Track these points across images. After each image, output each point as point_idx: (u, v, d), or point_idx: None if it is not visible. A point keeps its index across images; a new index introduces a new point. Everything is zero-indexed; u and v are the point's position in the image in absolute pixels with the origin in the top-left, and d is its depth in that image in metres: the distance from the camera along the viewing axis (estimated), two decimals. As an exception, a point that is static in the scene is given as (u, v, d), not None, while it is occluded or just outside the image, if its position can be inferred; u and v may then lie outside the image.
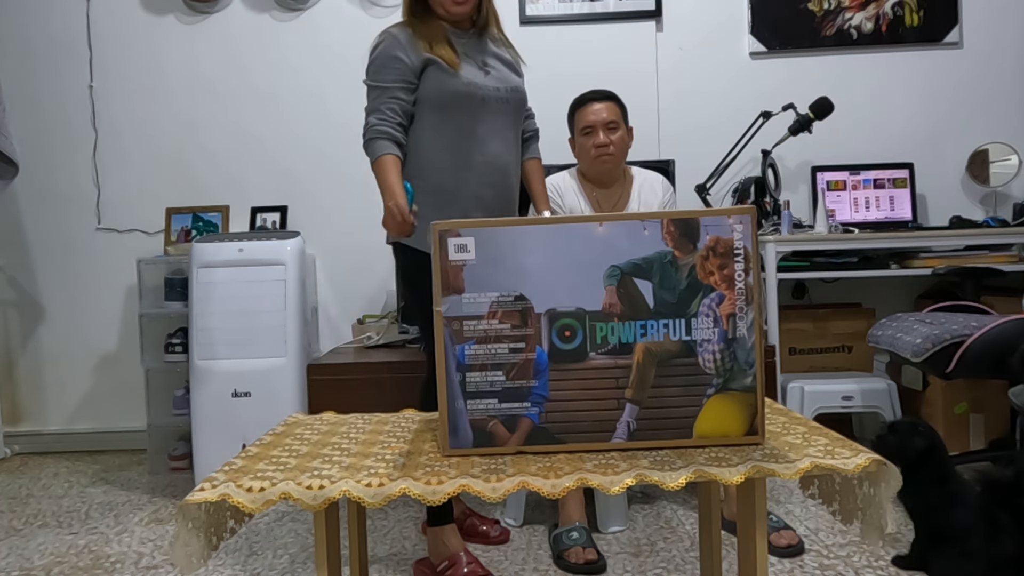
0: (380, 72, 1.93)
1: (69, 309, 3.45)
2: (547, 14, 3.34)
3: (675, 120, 3.35)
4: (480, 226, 1.20)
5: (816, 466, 1.10)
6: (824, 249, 2.96)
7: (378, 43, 1.96)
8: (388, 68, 1.92)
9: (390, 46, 1.93)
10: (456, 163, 1.96)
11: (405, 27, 1.96)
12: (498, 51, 2.07)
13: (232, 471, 1.17)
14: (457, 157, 1.96)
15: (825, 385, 2.80)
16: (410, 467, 1.15)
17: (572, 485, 1.09)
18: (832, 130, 3.19)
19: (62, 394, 3.47)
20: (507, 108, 2.02)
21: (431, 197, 1.95)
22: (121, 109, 3.43)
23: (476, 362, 1.20)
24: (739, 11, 3.34)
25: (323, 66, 3.35)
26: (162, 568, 2.10)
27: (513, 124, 2.05)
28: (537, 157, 2.23)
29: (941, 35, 3.30)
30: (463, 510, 2.26)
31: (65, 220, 3.45)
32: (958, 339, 2.19)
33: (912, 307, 3.22)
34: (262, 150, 3.41)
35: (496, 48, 2.07)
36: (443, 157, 1.96)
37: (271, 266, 2.75)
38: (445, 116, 1.94)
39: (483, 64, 2.00)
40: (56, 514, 2.59)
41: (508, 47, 2.12)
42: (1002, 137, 3.25)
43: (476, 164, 1.97)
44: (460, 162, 1.96)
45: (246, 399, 2.69)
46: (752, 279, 1.18)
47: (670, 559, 2.02)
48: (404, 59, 1.91)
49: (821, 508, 2.30)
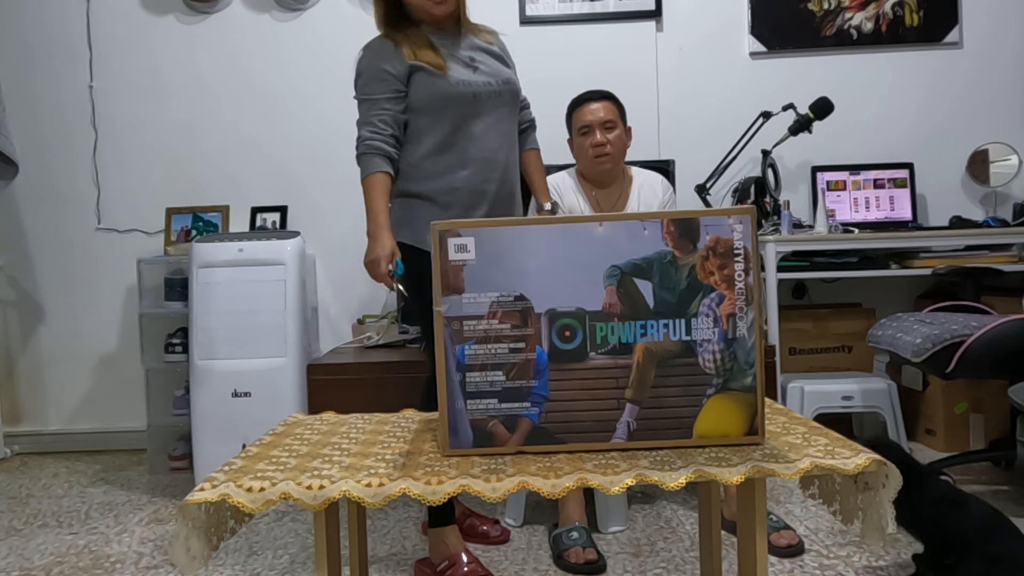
0: (368, 85, 1.93)
1: (69, 309, 3.45)
2: (547, 14, 3.34)
3: (675, 120, 3.35)
4: (480, 226, 1.20)
5: (816, 466, 1.10)
6: (824, 249, 2.96)
7: (361, 57, 1.97)
8: (376, 80, 1.92)
9: (374, 59, 1.94)
10: (454, 162, 1.95)
11: (385, 39, 1.97)
12: (483, 44, 2.05)
13: (232, 471, 1.17)
14: (455, 156, 1.95)
15: (825, 385, 2.80)
16: (410, 467, 1.15)
17: (572, 485, 1.09)
18: (832, 130, 3.19)
19: (62, 394, 3.47)
20: (501, 101, 2.00)
21: (433, 199, 1.96)
22: (121, 109, 3.43)
23: (476, 362, 1.20)
24: (739, 11, 3.34)
25: (323, 66, 3.35)
26: (162, 568, 2.10)
27: (509, 116, 2.04)
28: (536, 148, 2.21)
29: (941, 35, 3.30)
30: (463, 510, 2.26)
31: (65, 220, 3.45)
32: (958, 339, 2.19)
33: (912, 307, 3.22)
34: (262, 150, 3.41)
35: (480, 41, 2.04)
36: (441, 159, 1.95)
37: (271, 266, 2.75)
38: (439, 118, 1.94)
39: (470, 60, 1.98)
40: (56, 514, 2.59)
41: (489, 34, 2.09)
42: (1002, 137, 3.25)
43: (475, 161, 1.96)
44: (458, 161, 1.96)
45: (246, 399, 2.69)
46: (752, 279, 1.18)
47: (670, 559, 2.02)
48: (390, 70, 1.92)
49: (821, 508, 2.30)
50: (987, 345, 2.17)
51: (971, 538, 1.68)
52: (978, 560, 1.65)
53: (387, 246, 1.84)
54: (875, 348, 2.71)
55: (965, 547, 1.68)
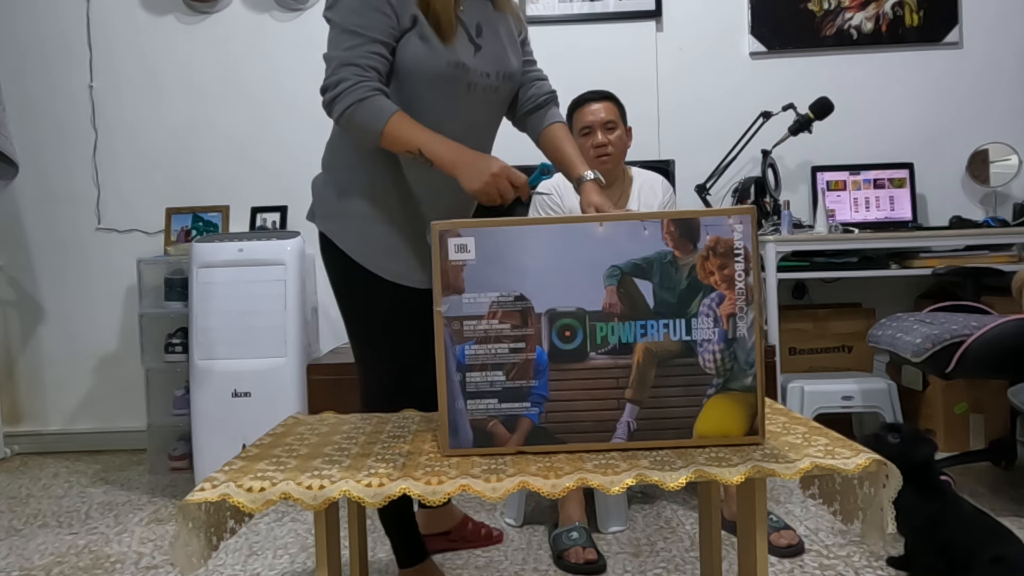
0: (360, 15, 1.50)
1: (69, 309, 3.45)
2: (547, 14, 3.34)
3: (675, 120, 3.35)
4: (480, 226, 1.20)
5: (816, 466, 1.10)
6: (824, 249, 2.96)
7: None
8: (372, 12, 1.49)
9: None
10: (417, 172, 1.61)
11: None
12: (500, 19, 1.66)
13: (232, 471, 1.17)
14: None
15: (825, 385, 2.80)
16: (410, 467, 1.15)
17: (572, 485, 1.09)
18: (832, 130, 3.18)
19: (62, 394, 3.47)
20: (494, 98, 1.66)
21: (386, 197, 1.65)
22: (121, 109, 3.42)
23: (476, 362, 1.20)
24: (739, 11, 3.34)
25: (323, 66, 3.35)
26: (162, 568, 2.10)
27: (496, 116, 1.72)
28: (562, 120, 1.75)
29: (941, 35, 3.30)
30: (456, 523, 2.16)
31: (65, 220, 3.44)
32: (958, 339, 2.19)
33: (912, 307, 3.22)
34: (262, 150, 3.41)
35: (497, 15, 1.66)
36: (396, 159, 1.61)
37: (271, 266, 2.75)
38: (419, 98, 1.56)
39: (478, 33, 1.59)
40: (56, 514, 2.59)
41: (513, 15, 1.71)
42: (1002, 137, 3.25)
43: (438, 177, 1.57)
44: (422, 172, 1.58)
45: (246, 399, 2.68)
46: (752, 279, 1.18)
47: (670, 559, 2.02)
48: (392, 9, 1.50)
49: (821, 508, 2.30)
50: (987, 345, 2.17)
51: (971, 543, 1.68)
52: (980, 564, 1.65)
53: (497, 160, 1.46)
54: (875, 348, 2.71)
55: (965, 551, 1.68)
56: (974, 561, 1.65)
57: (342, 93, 1.50)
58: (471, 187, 1.44)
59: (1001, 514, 2.16)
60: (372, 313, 1.70)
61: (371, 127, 1.49)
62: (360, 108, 1.49)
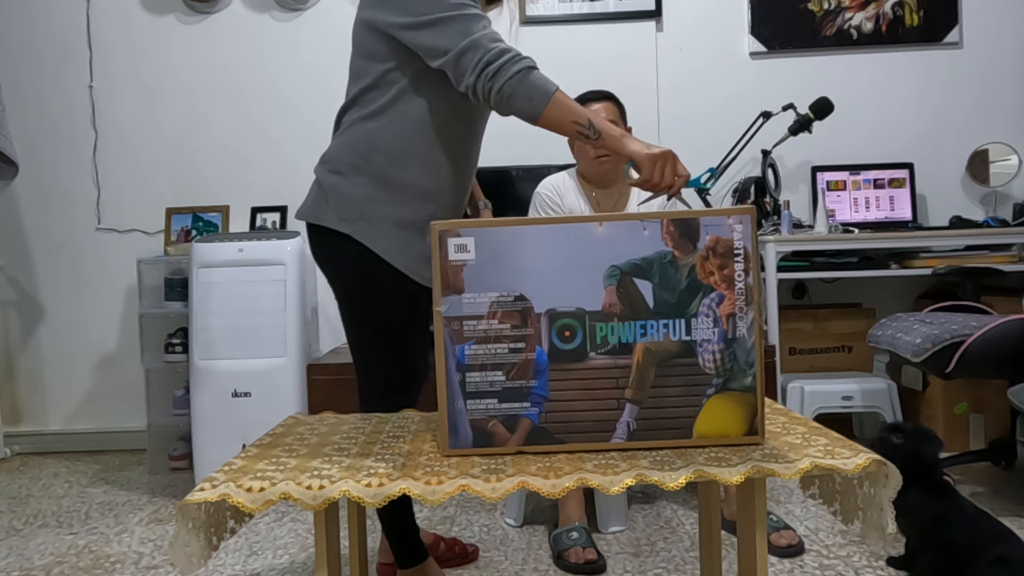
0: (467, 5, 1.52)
1: (69, 309, 3.45)
2: (547, 14, 3.34)
3: (675, 121, 3.35)
4: (480, 226, 1.20)
5: (816, 466, 1.10)
6: (824, 249, 2.96)
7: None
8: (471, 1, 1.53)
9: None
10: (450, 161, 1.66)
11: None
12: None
13: (232, 471, 1.17)
14: (456, 153, 1.67)
15: (825, 385, 2.80)
16: (410, 467, 1.15)
17: (572, 485, 1.09)
18: (832, 130, 3.18)
19: (62, 394, 3.47)
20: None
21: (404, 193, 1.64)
22: (121, 109, 3.43)
23: (476, 362, 1.20)
24: (739, 11, 3.34)
25: (323, 66, 3.35)
26: (162, 568, 2.10)
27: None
28: None
29: (941, 35, 3.30)
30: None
31: (65, 220, 3.45)
32: (958, 339, 2.19)
33: (912, 307, 3.22)
34: (262, 150, 3.41)
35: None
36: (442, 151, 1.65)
37: (271, 266, 2.75)
38: (460, 99, 1.58)
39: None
40: (56, 514, 2.59)
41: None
42: (1002, 137, 3.25)
43: (465, 164, 1.70)
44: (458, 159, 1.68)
45: (246, 399, 2.68)
46: (752, 279, 1.18)
47: (670, 559, 2.02)
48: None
49: (821, 508, 2.30)
50: (987, 345, 2.17)
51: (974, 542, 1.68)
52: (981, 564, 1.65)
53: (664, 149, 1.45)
54: (875, 348, 2.71)
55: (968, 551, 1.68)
56: (976, 561, 1.65)
57: (511, 59, 1.48)
58: (644, 152, 1.43)
59: (1001, 514, 2.16)
60: (393, 310, 1.67)
61: (544, 90, 1.48)
62: (532, 74, 1.49)
